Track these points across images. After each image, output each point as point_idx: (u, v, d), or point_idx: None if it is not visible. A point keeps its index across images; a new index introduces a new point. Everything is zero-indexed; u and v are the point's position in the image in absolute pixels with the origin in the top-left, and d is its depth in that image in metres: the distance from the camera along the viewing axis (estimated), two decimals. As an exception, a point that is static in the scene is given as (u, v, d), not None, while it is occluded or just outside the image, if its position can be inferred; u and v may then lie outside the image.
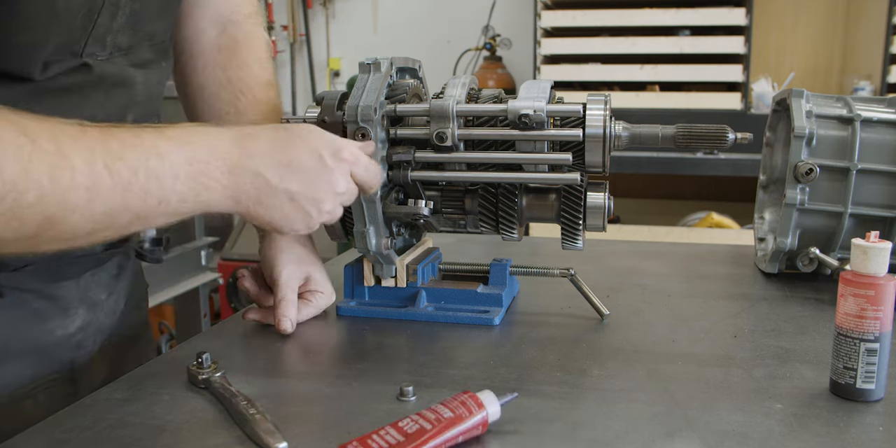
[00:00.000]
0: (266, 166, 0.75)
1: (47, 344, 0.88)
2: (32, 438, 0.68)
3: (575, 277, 1.02)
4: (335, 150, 0.80)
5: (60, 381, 0.90)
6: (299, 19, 4.29)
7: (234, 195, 0.74)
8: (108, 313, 0.97)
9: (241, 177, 0.74)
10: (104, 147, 0.64)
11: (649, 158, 3.00)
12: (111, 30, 0.83)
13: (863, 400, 0.74)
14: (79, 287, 0.91)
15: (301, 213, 0.79)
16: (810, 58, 3.61)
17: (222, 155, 0.73)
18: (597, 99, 0.92)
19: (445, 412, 0.65)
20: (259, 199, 0.76)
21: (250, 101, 1.07)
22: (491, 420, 0.67)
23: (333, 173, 0.80)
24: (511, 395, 0.69)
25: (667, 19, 3.10)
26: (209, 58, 1.09)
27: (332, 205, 0.81)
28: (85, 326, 0.92)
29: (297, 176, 0.77)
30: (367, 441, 0.63)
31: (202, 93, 1.09)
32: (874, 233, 0.73)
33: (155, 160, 0.67)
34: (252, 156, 0.75)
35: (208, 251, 2.91)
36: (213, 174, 0.72)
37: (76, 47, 0.80)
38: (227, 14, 1.10)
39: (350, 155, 0.82)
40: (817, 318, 1.00)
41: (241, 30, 1.10)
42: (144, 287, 1.11)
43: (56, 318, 0.88)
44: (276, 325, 0.94)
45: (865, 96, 1.88)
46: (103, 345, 0.97)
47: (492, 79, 3.77)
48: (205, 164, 0.71)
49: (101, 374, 0.97)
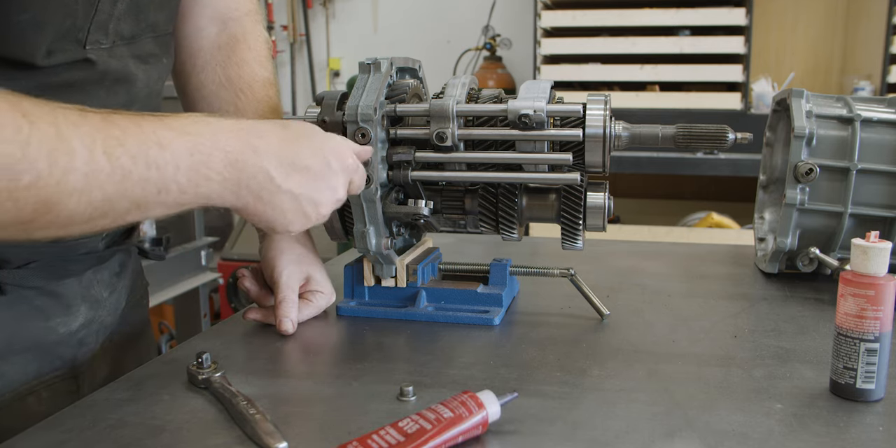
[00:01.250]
0: (272, 163, 0.74)
1: (50, 341, 0.88)
2: (32, 438, 0.68)
3: (575, 277, 1.02)
4: (341, 156, 0.81)
5: (63, 379, 0.90)
6: (299, 19, 4.29)
7: (235, 189, 0.73)
8: (110, 311, 0.97)
9: (244, 171, 0.73)
10: (105, 133, 0.64)
11: (649, 158, 3.00)
12: (113, 16, 0.83)
13: (863, 400, 0.74)
14: (81, 285, 0.91)
15: (299, 213, 0.78)
16: (810, 58, 3.61)
17: (224, 147, 0.71)
18: (597, 99, 0.92)
19: (445, 412, 0.65)
20: (260, 195, 0.75)
21: (250, 100, 1.06)
22: (491, 420, 0.67)
23: (337, 179, 0.80)
24: (511, 395, 0.69)
25: (667, 19, 3.10)
26: (208, 56, 1.08)
27: (329, 209, 0.81)
28: (87, 324, 0.93)
29: (302, 177, 0.77)
30: (367, 441, 0.63)
31: (202, 91, 1.09)
32: (874, 233, 0.73)
33: (156, 149, 0.66)
34: (258, 151, 0.74)
35: (208, 251, 2.90)
36: (214, 166, 0.71)
37: (80, 34, 0.79)
38: (226, 12, 1.10)
39: (353, 164, 0.83)
40: (817, 318, 1.00)
41: (240, 27, 1.10)
42: (145, 286, 1.11)
43: (58, 315, 0.89)
44: (278, 325, 0.94)
45: (865, 96, 1.88)
46: (105, 342, 0.97)
47: (492, 79, 3.77)
48: (207, 155, 0.70)
49: (103, 371, 0.97)
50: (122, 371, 0.99)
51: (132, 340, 1.04)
